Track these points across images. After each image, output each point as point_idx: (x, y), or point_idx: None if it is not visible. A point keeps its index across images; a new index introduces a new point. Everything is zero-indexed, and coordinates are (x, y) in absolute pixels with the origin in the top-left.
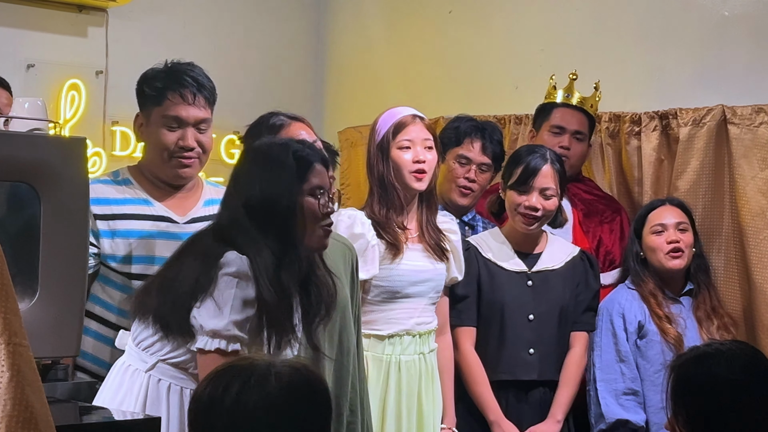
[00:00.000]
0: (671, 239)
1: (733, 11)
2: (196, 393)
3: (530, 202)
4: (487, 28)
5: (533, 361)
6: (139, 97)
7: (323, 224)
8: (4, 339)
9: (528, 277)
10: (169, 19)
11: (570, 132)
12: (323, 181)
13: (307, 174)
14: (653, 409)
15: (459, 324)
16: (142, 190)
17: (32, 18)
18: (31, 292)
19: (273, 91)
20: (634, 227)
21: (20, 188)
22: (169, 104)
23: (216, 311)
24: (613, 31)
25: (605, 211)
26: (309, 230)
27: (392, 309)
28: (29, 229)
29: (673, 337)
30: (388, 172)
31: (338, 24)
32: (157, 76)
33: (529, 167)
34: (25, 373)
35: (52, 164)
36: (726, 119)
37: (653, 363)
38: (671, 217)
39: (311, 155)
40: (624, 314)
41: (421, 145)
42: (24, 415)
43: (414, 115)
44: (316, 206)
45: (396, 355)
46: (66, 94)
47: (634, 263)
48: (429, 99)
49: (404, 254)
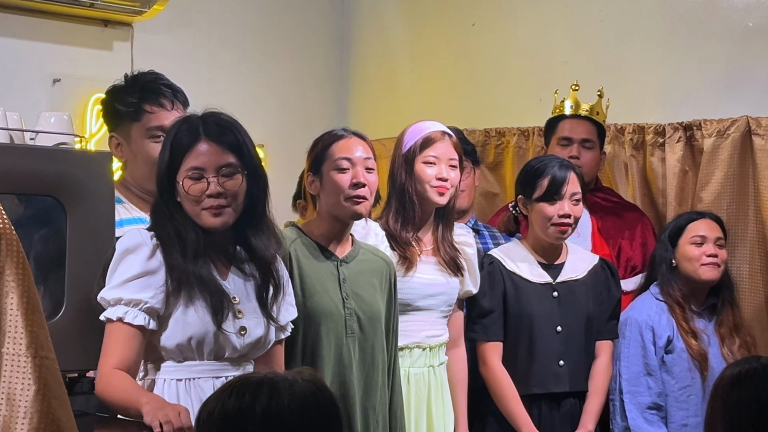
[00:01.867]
0: (711, 252)
1: (758, 22)
2: (215, 407)
3: (563, 211)
4: (510, 40)
5: (564, 373)
6: (111, 117)
7: (204, 206)
8: (31, 352)
9: (553, 289)
10: (193, 34)
11: (578, 141)
12: (202, 162)
13: (184, 155)
14: (675, 425)
15: (486, 339)
16: (135, 208)
17: (58, 33)
18: (58, 306)
19: (297, 105)
20: (669, 235)
21: (47, 202)
22: (149, 117)
23: (108, 282)
24: (636, 43)
25: (624, 217)
26: (192, 210)
27: (404, 321)
28: (55, 242)
29: (698, 354)
30: (410, 183)
31: (362, 38)
32: (127, 91)
33: (557, 177)
34: (51, 386)
35: (78, 178)
36: (750, 130)
37: (679, 380)
38: (712, 232)
39: (188, 136)
40: (654, 328)
41: (446, 164)
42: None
43: (443, 132)
44: (188, 187)
45: (405, 367)
46: (92, 108)
47: (666, 270)
48: (452, 111)
49: (417, 267)
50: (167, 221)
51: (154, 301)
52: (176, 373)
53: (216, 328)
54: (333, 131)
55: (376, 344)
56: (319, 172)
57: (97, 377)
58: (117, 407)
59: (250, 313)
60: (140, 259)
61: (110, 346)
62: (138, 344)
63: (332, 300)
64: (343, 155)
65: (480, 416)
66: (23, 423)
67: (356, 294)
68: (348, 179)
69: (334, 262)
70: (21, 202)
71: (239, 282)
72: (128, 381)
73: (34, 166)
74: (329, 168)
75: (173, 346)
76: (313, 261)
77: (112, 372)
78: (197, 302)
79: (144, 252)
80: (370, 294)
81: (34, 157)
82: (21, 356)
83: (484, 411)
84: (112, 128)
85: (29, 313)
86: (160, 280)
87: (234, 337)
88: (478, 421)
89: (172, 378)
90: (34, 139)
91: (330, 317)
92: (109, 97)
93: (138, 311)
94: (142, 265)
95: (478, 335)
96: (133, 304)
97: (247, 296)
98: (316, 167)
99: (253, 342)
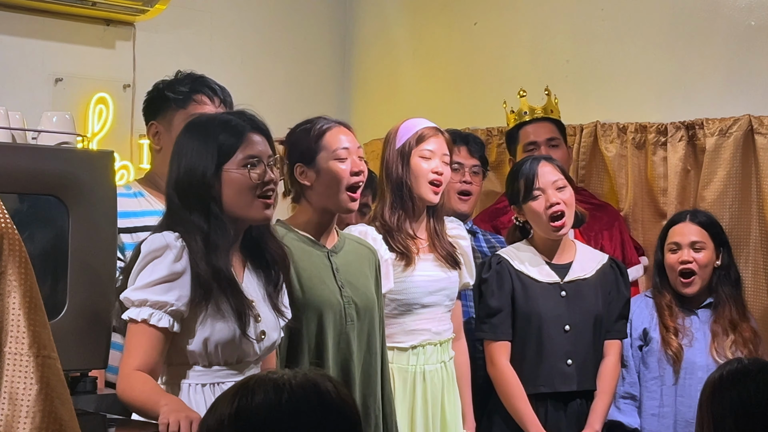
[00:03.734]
0: (683, 259)
1: (760, 21)
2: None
3: (549, 201)
4: (512, 39)
5: (571, 373)
6: (158, 103)
7: (259, 194)
8: (33, 351)
9: (561, 288)
10: (195, 33)
11: (543, 143)
12: (256, 151)
13: (235, 144)
14: (646, 414)
15: (494, 339)
16: (157, 201)
17: (60, 32)
18: (60, 305)
19: (299, 104)
20: (659, 239)
21: (49, 202)
22: (195, 106)
23: (132, 284)
24: (638, 42)
25: (603, 218)
26: (243, 201)
27: (411, 321)
28: (58, 242)
29: (673, 350)
30: (407, 176)
31: (363, 37)
32: (180, 82)
33: (529, 173)
34: (53, 386)
35: (80, 177)
36: (753, 129)
37: (651, 370)
38: (687, 236)
39: (241, 125)
40: (631, 319)
41: (440, 159)
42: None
43: (436, 129)
44: (246, 176)
45: (420, 365)
46: (94, 107)
47: (656, 273)
48: (454, 110)
49: (416, 265)
50: (201, 219)
51: (179, 304)
52: (202, 377)
53: (241, 333)
54: (316, 122)
55: (371, 332)
56: (313, 163)
57: (118, 378)
58: (136, 409)
59: (266, 315)
60: (167, 262)
61: (133, 347)
62: (161, 347)
63: (330, 290)
64: (342, 145)
65: (487, 415)
66: (25, 422)
67: (350, 283)
68: (348, 168)
69: (324, 253)
70: (23, 202)
71: (253, 283)
72: (150, 383)
73: (37, 165)
74: (328, 158)
75: (200, 350)
76: (306, 255)
77: (134, 373)
78: (223, 307)
79: (170, 255)
80: (362, 282)
81: (37, 156)
82: (23, 356)
83: (491, 410)
84: (153, 116)
85: (31, 312)
86: (186, 283)
87: (255, 342)
88: (485, 419)
89: (197, 383)
90: (36, 138)
91: (331, 308)
92: (157, 86)
93: (163, 314)
94: (168, 268)
95: (486, 335)
96: (158, 307)
97: (260, 298)
98: (309, 159)
99: (270, 345)
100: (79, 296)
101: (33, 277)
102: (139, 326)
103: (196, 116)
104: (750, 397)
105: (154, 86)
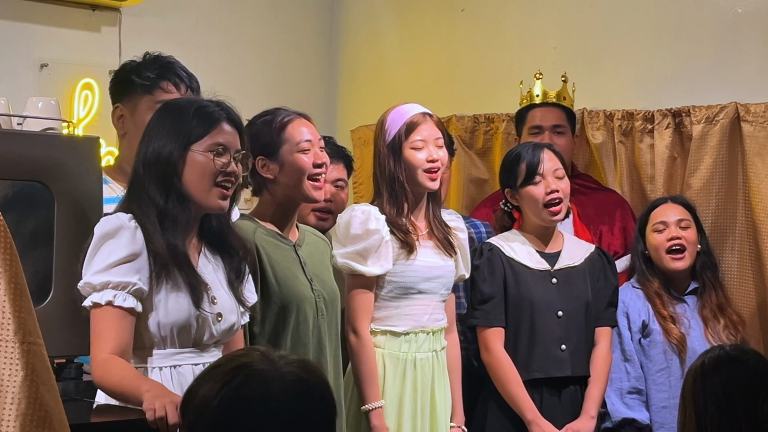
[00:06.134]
0: (672, 236)
1: (747, 8)
2: (213, 393)
3: (550, 188)
4: (499, 26)
5: (565, 358)
6: (123, 86)
7: (218, 182)
8: (19, 338)
9: (552, 275)
10: (181, 19)
11: (549, 128)
12: (225, 140)
13: (207, 129)
14: (655, 407)
15: (488, 325)
16: (121, 189)
17: (45, 17)
18: (46, 292)
19: (285, 90)
20: (638, 226)
21: (34, 187)
22: (161, 93)
23: (87, 268)
24: (626, 29)
25: (603, 203)
26: (202, 185)
27: (406, 305)
28: (43, 227)
29: (677, 338)
30: (400, 172)
31: (351, 23)
32: (148, 67)
33: (532, 158)
34: (39, 372)
35: (66, 163)
36: (739, 117)
37: (656, 362)
38: (673, 215)
39: (218, 113)
40: (628, 313)
41: (433, 144)
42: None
43: (424, 113)
44: (210, 161)
45: (412, 352)
46: (79, 93)
47: (640, 262)
48: (441, 97)
49: (418, 251)
50: (160, 195)
51: (141, 283)
52: (160, 361)
53: (196, 312)
54: (276, 114)
55: (337, 324)
56: (275, 156)
57: (92, 365)
58: (116, 395)
59: (223, 298)
60: (124, 242)
61: (103, 331)
62: (130, 328)
63: (303, 285)
64: (305, 137)
65: (482, 402)
66: (11, 408)
67: (317, 276)
68: (310, 160)
69: (291, 247)
70: (8, 188)
71: (208, 268)
72: (128, 368)
73: (22, 151)
74: (291, 151)
75: (158, 331)
76: (277, 249)
77: (110, 358)
78: (179, 286)
79: (125, 235)
80: (327, 276)
81: (22, 142)
82: (9, 342)
83: (486, 396)
84: (119, 99)
85: (17, 298)
86: (144, 261)
87: (211, 322)
88: (480, 406)
89: (155, 366)
90: (21, 124)
91: (306, 301)
92: (124, 68)
93: (127, 294)
94: (126, 248)
95: (479, 321)
96: (121, 287)
97: (218, 282)
98: (272, 151)
99: (228, 328)
100: (64, 283)
101: (18, 263)
102: (104, 309)
103: (172, 99)
104: (732, 383)
105: (121, 67)
